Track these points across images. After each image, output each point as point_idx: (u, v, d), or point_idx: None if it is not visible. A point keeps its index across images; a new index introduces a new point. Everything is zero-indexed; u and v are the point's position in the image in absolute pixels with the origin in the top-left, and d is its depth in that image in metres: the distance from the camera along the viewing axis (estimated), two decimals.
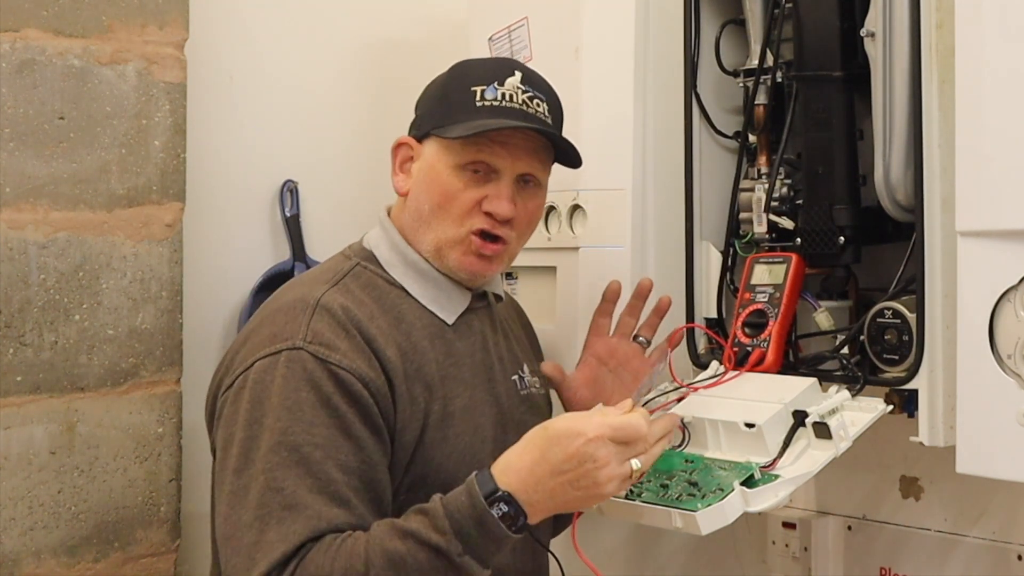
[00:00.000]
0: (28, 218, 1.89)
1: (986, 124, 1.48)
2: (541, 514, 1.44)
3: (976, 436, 1.51)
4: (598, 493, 1.44)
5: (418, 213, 1.64)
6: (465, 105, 1.61)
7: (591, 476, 1.42)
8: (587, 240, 1.92)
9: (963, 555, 1.86)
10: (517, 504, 1.42)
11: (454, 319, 1.65)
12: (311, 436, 1.47)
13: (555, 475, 1.42)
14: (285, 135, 2.27)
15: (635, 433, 1.44)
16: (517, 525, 1.43)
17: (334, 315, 1.54)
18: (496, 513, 1.41)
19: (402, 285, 1.64)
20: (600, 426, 1.43)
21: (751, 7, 1.82)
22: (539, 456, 1.44)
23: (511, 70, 1.64)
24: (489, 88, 1.62)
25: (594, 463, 1.42)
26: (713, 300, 1.84)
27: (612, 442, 1.43)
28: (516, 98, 1.62)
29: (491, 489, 1.42)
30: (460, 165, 1.61)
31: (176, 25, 2.01)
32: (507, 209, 1.61)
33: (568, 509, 1.47)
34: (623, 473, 1.44)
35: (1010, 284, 1.48)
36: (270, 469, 1.46)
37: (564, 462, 1.42)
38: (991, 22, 1.47)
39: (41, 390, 1.90)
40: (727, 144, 1.89)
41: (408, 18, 2.39)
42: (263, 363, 1.52)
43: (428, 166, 1.63)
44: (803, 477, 1.50)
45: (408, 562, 1.41)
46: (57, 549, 1.91)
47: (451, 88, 1.64)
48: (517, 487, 1.43)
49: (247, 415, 1.50)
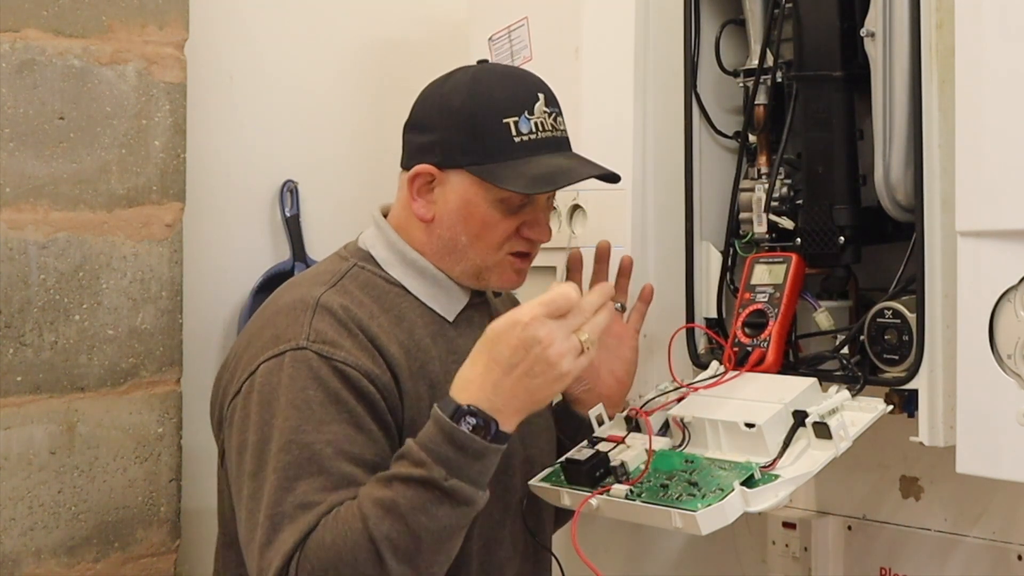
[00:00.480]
0: (28, 218, 1.89)
1: (986, 124, 1.48)
2: (512, 416, 1.44)
3: (976, 436, 1.51)
4: (557, 373, 1.43)
5: (452, 243, 1.63)
6: (502, 142, 1.59)
7: (542, 359, 1.42)
8: (587, 240, 1.91)
9: (963, 555, 1.86)
10: (484, 414, 1.43)
11: (455, 316, 1.66)
12: (321, 434, 1.47)
13: (509, 371, 1.43)
14: (285, 135, 2.27)
15: (567, 302, 1.44)
16: (492, 433, 1.43)
17: (335, 314, 1.55)
18: (465, 428, 1.42)
19: (401, 284, 1.64)
20: (532, 307, 1.44)
21: (751, 7, 1.82)
22: (488, 360, 1.44)
23: (535, 94, 1.62)
24: (522, 120, 1.60)
25: (539, 344, 1.42)
26: (713, 300, 1.84)
27: (549, 319, 1.43)
28: (546, 125, 1.62)
29: (453, 408, 1.43)
30: (501, 200, 1.61)
31: (176, 25, 2.01)
32: (548, 235, 1.65)
33: (537, 402, 1.46)
34: (573, 347, 1.43)
35: (1010, 284, 1.48)
36: (282, 469, 1.46)
37: (512, 355, 1.43)
38: (991, 22, 1.47)
39: (41, 390, 1.90)
40: (727, 144, 1.89)
41: (408, 18, 2.39)
42: (268, 365, 1.52)
43: (462, 199, 1.61)
44: (803, 477, 1.50)
45: (400, 503, 1.41)
46: (57, 549, 1.91)
47: (480, 119, 1.60)
48: (477, 397, 1.43)
49: (257, 418, 1.50)
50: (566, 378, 1.45)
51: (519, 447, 1.66)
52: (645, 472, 1.53)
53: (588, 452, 1.59)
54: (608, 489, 1.54)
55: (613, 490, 1.54)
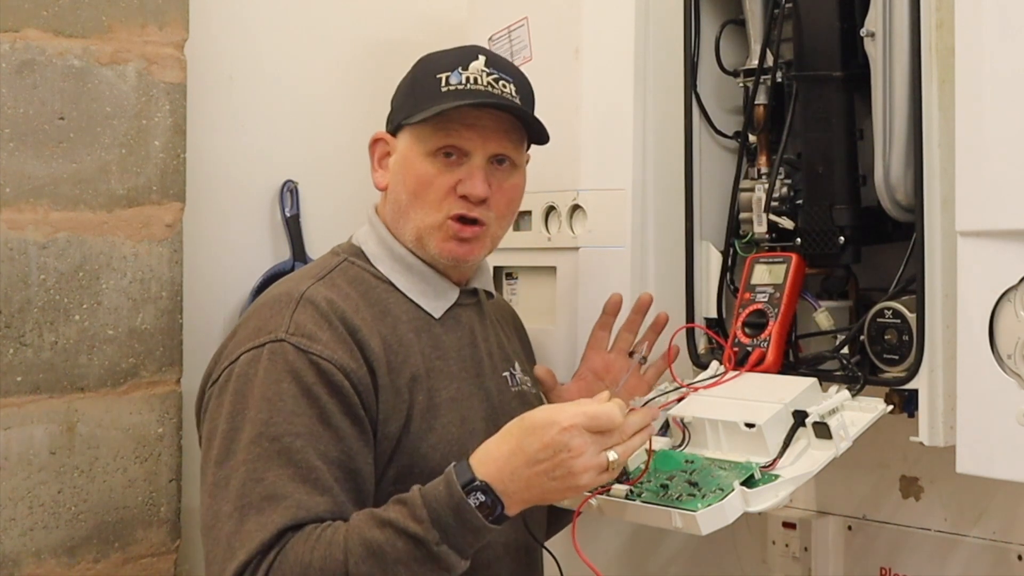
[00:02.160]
0: (28, 218, 1.89)
1: (986, 124, 1.48)
2: (518, 505, 1.45)
3: (976, 436, 1.51)
4: (574, 484, 1.43)
5: (397, 204, 1.66)
6: (431, 92, 1.63)
7: (566, 466, 1.42)
8: (587, 240, 1.92)
9: (963, 555, 1.86)
10: (494, 494, 1.43)
11: (441, 313, 1.66)
12: (292, 426, 1.48)
13: (531, 465, 1.43)
14: (285, 135, 2.27)
15: (609, 422, 1.44)
16: (495, 515, 1.43)
17: (318, 307, 1.56)
18: (473, 502, 1.42)
19: (389, 279, 1.65)
20: (574, 415, 1.43)
21: (751, 7, 1.82)
22: (515, 446, 1.44)
23: (475, 55, 1.66)
24: (454, 73, 1.63)
25: (568, 452, 1.42)
26: (713, 300, 1.84)
27: (587, 431, 1.43)
28: (481, 80, 1.63)
29: (468, 479, 1.43)
30: (432, 151, 1.62)
31: (176, 25, 2.01)
32: (480, 189, 1.62)
33: (545, 501, 1.47)
34: (599, 464, 1.43)
35: (1010, 284, 1.48)
36: (251, 460, 1.47)
37: (539, 451, 1.42)
38: (991, 22, 1.47)
39: (41, 390, 1.90)
40: (727, 144, 1.89)
41: (408, 18, 2.39)
42: (247, 356, 1.54)
43: (402, 157, 1.65)
44: (803, 477, 1.50)
45: (387, 551, 1.42)
46: (57, 549, 1.91)
47: (417, 78, 1.66)
48: (494, 477, 1.43)
49: (230, 407, 1.52)
50: (581, 489, 1.45)
51: None
52: (645, 472, 1.53)
53: None
54: (608, 489, 1.54)
55: (613, 490, 1.54)
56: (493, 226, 1.66)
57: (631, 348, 1.83)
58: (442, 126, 1.61)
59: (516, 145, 1.67)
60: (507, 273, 2.06)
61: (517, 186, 1.68)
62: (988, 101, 1.48)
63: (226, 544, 1.45)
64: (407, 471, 1.55)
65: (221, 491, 1.48)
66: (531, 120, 1.65)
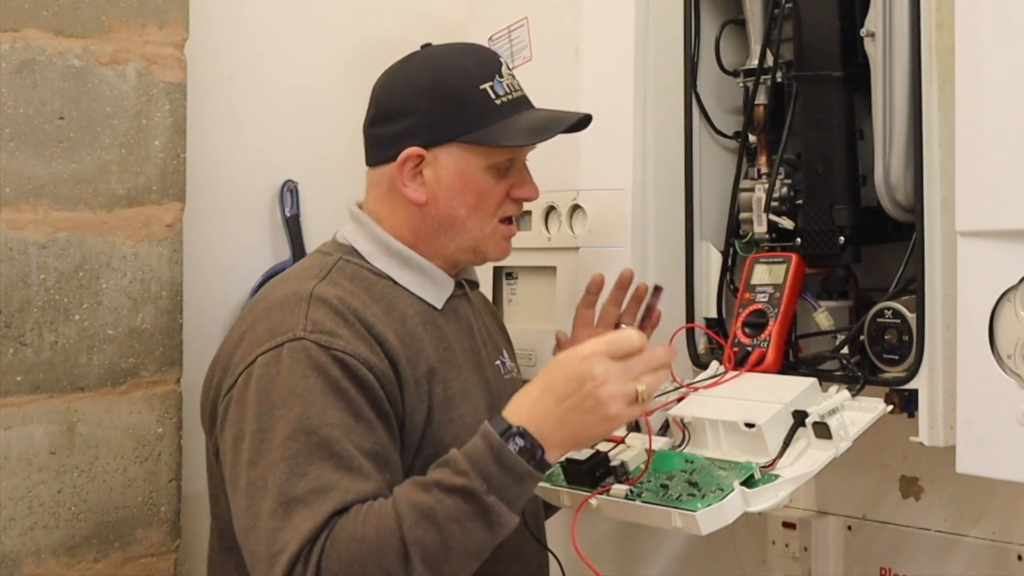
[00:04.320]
0: (28, 218, 1.89)
1: (986, 124, 1.48)
2: (558, 447, 1.43)
3: (976, 436, 1.51)
4: (605, 414, 1.41)
5: (450, 219, 1.64)
6: (485, 108, 1.62)
7: (593, 396, 1.41)
8: (587, 240, 1.92)
9: (963, 555, 1.86)
10: (531, 437, 1.41)
11: (442, 304, 1.67)
12: (326, 418, 1.47)
13: (560, 402, 1.42)
14: (285, 135, 2.27)
15: (630, 346, 1.43)
16: (536, 459, 1.41)
17: (331, 305, 1.55)
18: (513, 448, 1.41)
19: (387, 274, 1.65)
20: (595, 344, 1.43)
21: (751, 7, 1.82)
22: (544, 386, 1.44)
23: (496, 59, 1.68)
24: (496, 84, 1.64)
25: (593, 381, 1.41)
26: (713, 300, 1.84)
27: (609, 358, 1.42)
28: (515, 87, 1.66)
29: (504, 426, 1.42)
30: (492, 165, 1.63)
31: (176, 25, 2.01)
32: (536, 192, 1.68)
33: (582, 439, 1.45)
34: (627, 392, 1.41)
35: (1010, 284, 1.48)
36: (290, 456, 1.45)
37: (566, 385, 1.42)
38: (991, 22, 1.47)
39: (41, 390, 1.90)
40: (727, 144, 1.89)
41: (408, 18, 2.39)
42: (265, 357, 1.51)
43: (456, 172, 1.63)
44: (803, 477, 1.50)
45: (437, 510, 1.40)
46: (57, 549, 1.91)
47: (459, 90, 1.63)
48: (528, 421, 1.42)
49: (256, 408, 1.49)
50: (615, 421, 1.43)
51: None
52: (645, 472, 1.53)
53: (588, 452, 1.59)
54: (608, 489, 1.54)
55: (613, 490, 1.54)
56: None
57: (617, 320, 1.84)
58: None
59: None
60: (507, 273, 2.07)
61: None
62: (988, 101, 1.48)
63: (271, 539, 1.42)
64: (432, 462, 1.52)
65: (259, 491, 1.45)
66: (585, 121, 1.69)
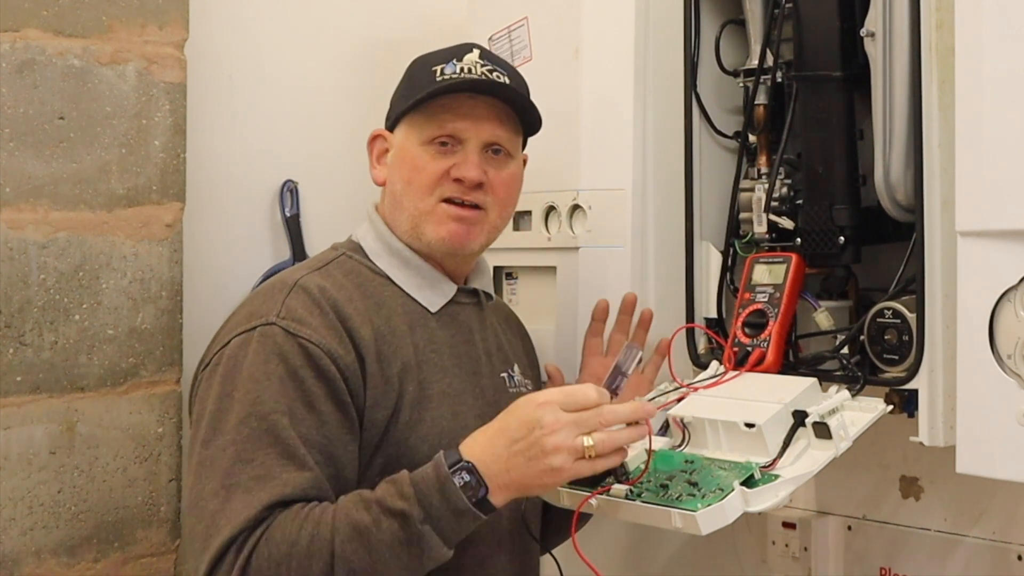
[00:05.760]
0: (28, 218, 1.89)
1: (986, 124, 1.48)
2: (502, 491, 1.44)
3: (976, 436, 1.51)
4: (548, 465, 1.42)
5: (393, 196, 1.68)
6: (426, 83, 1.65)
7: (539, 443, 1.42)
8: (587, 240, 1.92)
9: (963, 555, 1.86)
10: (478, 475, 1.43)
11: (437, 308, 1.67)
12: (277, 404, 1.49)
13: (510, 445, 1.43)
14: (285, 135, 2.27)
15: (584, 399, 1.44)
16: (478, 497, 1.43)
17: (310, 293, 1.58)
18: (458, 482, 1.42)
19: (386, 274, 1.66)
20: (550, 393, 1.45)
21: (751, 7, 1.82)
22: (498, 427, 1.46)
23: (470, 48, 1.69)
24: (448, 64, 1.66)
25: (541, 429, 1.42)
26: (713, 300, 1.84)
27: (561, 409, 1.43)
28: (475, 70, 1.65)
29: (455, 459, 1.44)
30: (427, 140, 1.65)
31: (176, 25, 2.01)
32: (474, 172, 1.63)
33: (528, 487, 1.46)
34: (573, 446, 1.42)
35: (1010, 284, 1.48)
36: (240, 440, 1.48)
37: (517, 429, 1.44)
38: (991, 22, 1.47)
39: (41, 390, 1.90)
40: (727, 144, 1.89)
41: (408, 18, 2.39)
42: (238, 339, 1.56)
43: (398, 148, 1.68)
44: (803, 477, 1.50)
45: (372, 532, 1.43)
46: (57, 549, 1.91)
47: (413, 73, 1.70)
48: (479, 458, 1.44)
49: (219, 389, 1.53)
50: (559, 474, 1.43)
51: None
52: (645, 472, 1.53)
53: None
54: (608, 489, 1.54)
55: (613, 490, 1.54)
56: (492, 213, 1.67)
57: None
58: (436, 116, 1.64)
59: (511, 135, 1.68)
60: (507, 273, 2.06)
61: (514, 175, 1.69)
62: (988, 101, 1.48)
63: (210, 521, 1.46)
64: (395, 462, 1.55)
65: (206, 470, 1.49)
66: (525, 105, 1.67)
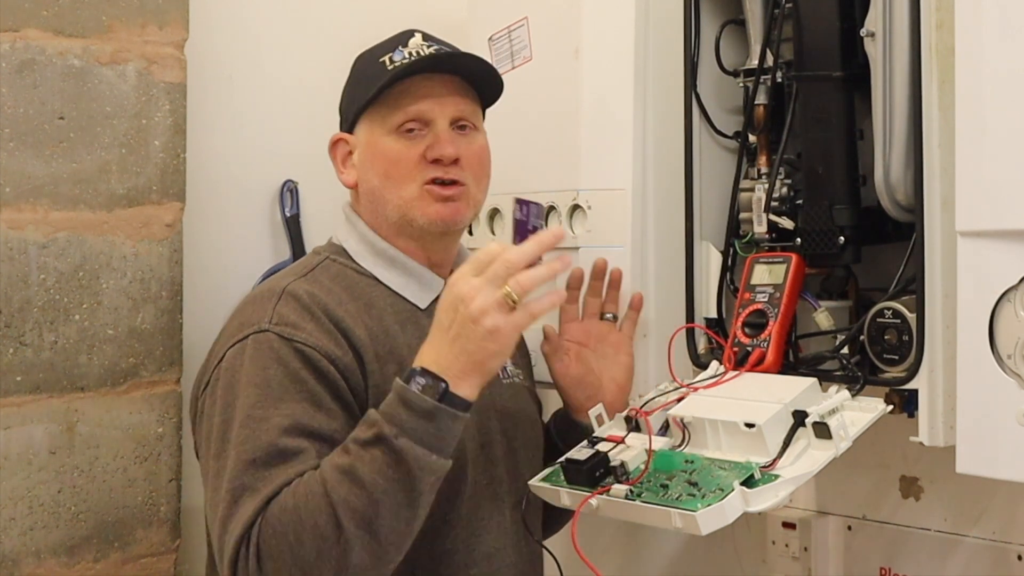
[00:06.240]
0: (28, 218, 1.89)
1: (986, 124, 1.48)
2: (461, 378, 1.44)
3: (976, 436, 1.51)
4: (482, 330, 1.43)
5: (371, 194, 1.67)
6: (377, 75, 1.65)
7: (467, 315, 1.43)
8: (587, 240, 1.92)
9: (963, 555, 1.86)
10: (431, 374, 1.44)
11: (427, 304, 1.67)
12: (279, 410, 1.49)
13: (446, 333, 1.45)
14: (285, 135, 2.27)
15: (487, 254, 1.45)
16: (440, 392, 1.43)
17: (299, 300, 1.58)
18: (415, 387, 1.43)
19: (372, 274, 1.66)
20: (461, 268, 1.47)
21: (751, 7, 1.82)
22: (435, 325, 1.48)
23: (411, 33, 1.70)
24: (395, 52, 1.67)
25: (464, 303, 1.43)
26: (713, 300, 1.84)
27: (473, 276, 1.44)
28: (423, 52, 1.66)
29: (407, 372, 1.46)
30: (393, 129, 1.65)
31: (176, 25, 2.01)
32: (450, 149, 1.64)
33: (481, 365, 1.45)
34: (495, 301, 1.43)
35: (1010, 284, 1.48)
36: (240, 442, 1.48)
37: (445, 316, 1.46)
38: (991, 22, 1.47)
39: (41, 390, 1.90)
40: (727, 144, 1.89)
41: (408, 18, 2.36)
42: (232, 351, 1.56)
43: (365, 145, 1.68)
44: (803, 477, 1.50)
45: (357, 466, 1.42)
46: (57, 549, 1.91)
47: (360, 69, 1.70)
48: (428, 361, 1.45)
49: (222, 402, 1.53)
50: (496, 336, 1.44)
51: (500, 438, 1.67)
52: (645, 472, 1.53)
53: (588, 452, 1.59)
54: (608, 489, 1.54)
55: (613, 490, 1.54)
56: (472, 187, 1.67)
57: (601, 311, 1.84)
58: (397, 103, 1.64)
59: (473, 108, 1.70)
60: None
61: (484, 147, 1.71)
62: (988, 101, 1.48)
63: (222, 528, 1.47)
64: None
65: (218, 481, 1.49)
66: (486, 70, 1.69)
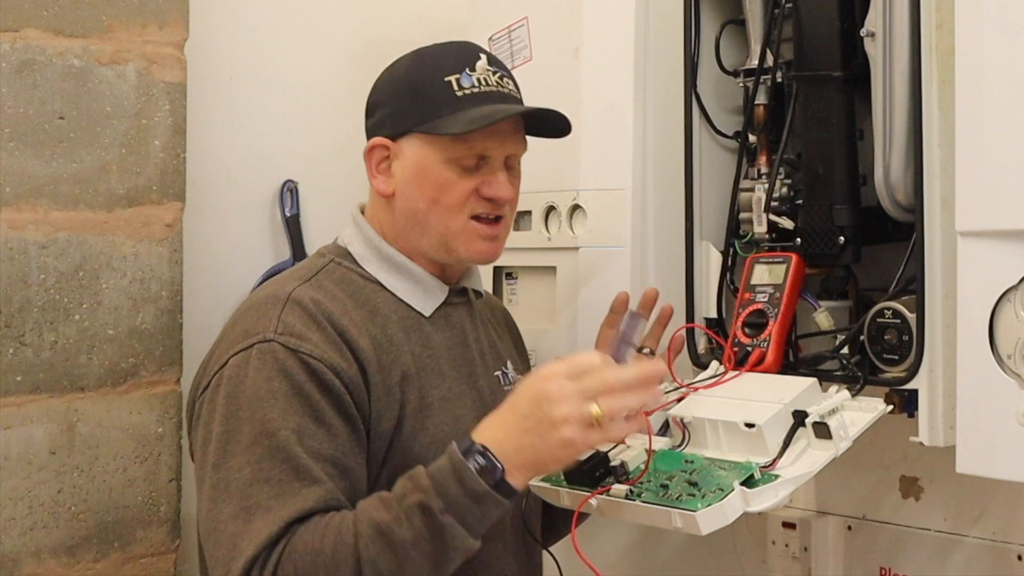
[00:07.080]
0: (28, 218, 1.89)
1: (986, 124, 1.48)
2: (519, 470, 1.42)
3: (976, 436, 1.51)
4: (560, 438, 1.40)
5: (412, 213, 1.64)
6: (446, 98, 1.61)
7: (548, 416, 1.40)
8: (587, 240, 1.92)
9: (963, 555, 1.86)
10: (492, 456, 1.41)
11: (431, 311, 1.66)
12: (287, 421, 1.48)
13: (520, 422, 1.42)
14: (285, 135, 2.27)
15: (588, 364, 1.41)
16: (495, 479, 1.41)
17: (305, 308, 1.55)
18: (473, 466, 1.41)
19: (377, 279, 1.65)
20: (556, 364, 1.43)
21: (751, 7, 1.82)
22: (509, 406, 1.45)
23: (476, 54, 1.65)
24: (463, 76, 1.62)
25: (548, 401, 1.40)
26: (713, 300, 1.84)
27: (566, 379, 1.41)
28: (490, 81, 1.63)
29: (467, 444, 1.43)
30: (452, 160, 1.61)
31: (176, 25, 2.01)
32: (507, 192, 1.63)
33: (542, 463, 1.44)
34: (581, 414, 1.40)
35: (1010, 284, 1.48)
36: (256, 461, 1.46)
37: (525, 406, 1.42)
38: (991, 22, 1.47)
39: (41, 390, 1.90)
40: (727, 144, 1.89)
41: (408, 18, 2.39)
42: (236, 359, 1.53)
43: (415, 164, 1.63)
44: (803, 477, 1.50)
45: (395, 529, 1.41)
46: (57, 549, 1.91)
47: (422, 81, 1.63)
48: (491, 441, 1.43)
49: (224, 410, 1.51)
50: (571, 447, 1.42)
51: None
52: (645, 472, 1.53)
53: (588, 452, 1.59)
54: (608, 489, 1.54)
55: (613, 490, 1.54)
56: (508, 219, 1.67)
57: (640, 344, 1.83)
58: (462, 137, 1.59)
59: (523, 145, 1.68)
60: (507, 273, 2.06)
61: (520, 182, 1.70)
62: (988, 101, 1.48)
63: (231, 544, 1.44)
64: (401, 471, 1.53)
65: (222, 494, 1.47)
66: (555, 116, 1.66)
